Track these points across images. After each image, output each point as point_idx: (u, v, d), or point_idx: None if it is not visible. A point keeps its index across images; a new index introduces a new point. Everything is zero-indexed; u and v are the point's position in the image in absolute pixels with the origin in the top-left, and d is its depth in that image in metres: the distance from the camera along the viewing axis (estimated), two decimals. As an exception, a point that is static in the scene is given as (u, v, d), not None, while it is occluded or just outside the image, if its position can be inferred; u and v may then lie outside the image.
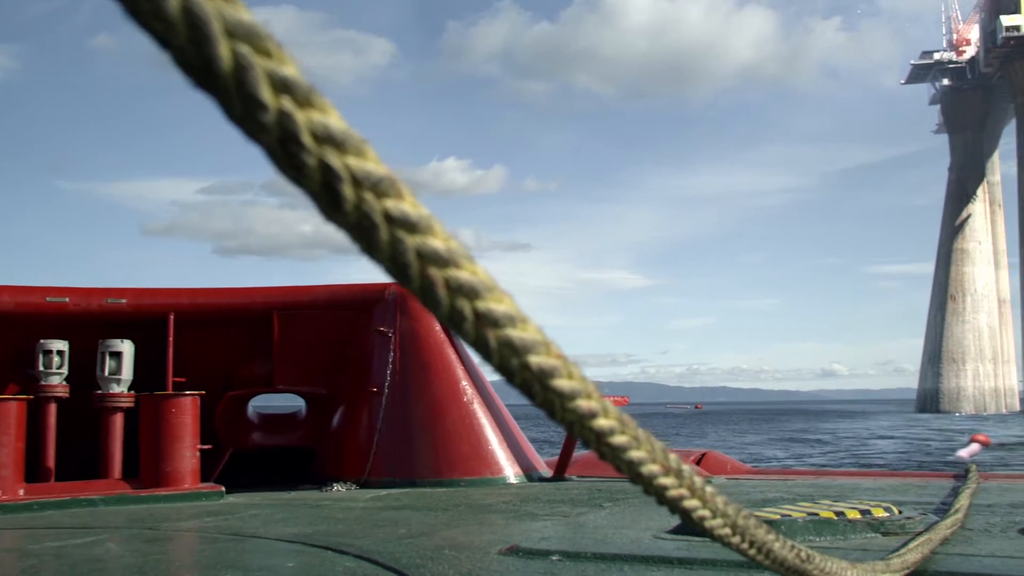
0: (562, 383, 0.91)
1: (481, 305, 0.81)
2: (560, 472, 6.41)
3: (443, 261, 0.77)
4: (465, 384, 6.50)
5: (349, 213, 0.71)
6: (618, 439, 1.05)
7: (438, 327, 6.53)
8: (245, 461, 7.04)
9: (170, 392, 6.24)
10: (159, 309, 6.68)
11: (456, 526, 4.30)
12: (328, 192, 0.70)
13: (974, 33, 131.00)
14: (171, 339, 6.54)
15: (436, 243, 0.76)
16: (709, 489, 1.38)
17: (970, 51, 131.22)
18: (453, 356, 6.51)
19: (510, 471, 6.37)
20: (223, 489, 6.03)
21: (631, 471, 1.12)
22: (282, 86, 0.65)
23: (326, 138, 0.68)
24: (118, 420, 6.23)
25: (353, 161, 0.70)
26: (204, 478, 6.20)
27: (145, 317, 6.70)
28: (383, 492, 6.08)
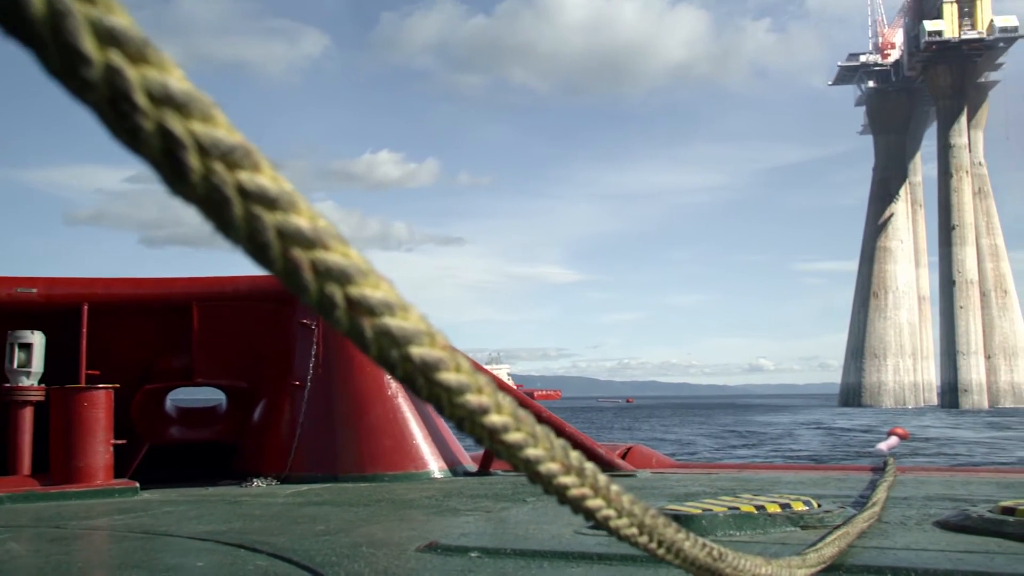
0: (449, 376, 0.86)
1: (354, 291, 0.75)
2: (485, 467, 6.36)
3: (308, 242, 0.70)
4: (389, 378, 6.39)
5: (196, 185, 0.64)
6: (512, 436, 0.98)
7: None
8: (163, 456, 6.84)
9: (83, 385, 6.03)
10: (72, 299, 6.45)
11: (376, 522, 4.21)
12: (170, 161, 0.62)
13: (899, 37, 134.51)
14: (84, 331, 6.32)
15: (300, 221, 0.69)
16: (614, 488, 1.32)
17: (895, 54, 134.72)
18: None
19: (434, 465, 6.29)
20: (137, 485, 5.85)
21: (528, 469, 1.06)
22: (109, 37, 0.58)
23: (165, 99, 0.61)
24: (27, 414, 6.00)
25: (199, 127, 0.63)
26: (119, 474, 6.01)
27: (57, 308, 6.46)
28: (304, 487, 5.96)
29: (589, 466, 1.23)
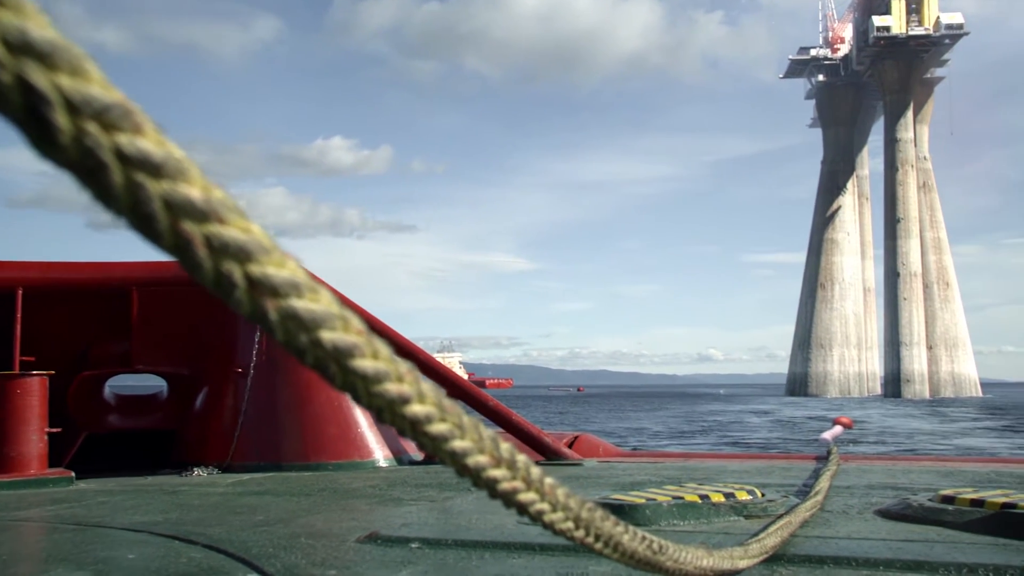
0: (365, 364, 0.80)
1: (255, 269, 0.68)
2: (430, 457, 6.31)
3: (201, 214, 0.64)
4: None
5: (67, 148, 0.58)
6: (437, 427, 0.93)
7: None
8: (101, 445, 6.67)
9: (16, 372, 5.85)
10: (6, 284, 6.25)
11: (317, 512, 4.14)
12: (35, 119, 0.56)
13: (848, 32, 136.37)
14: (19, 316, 6.13)
15: (191, 192, 0.63)
16: (549, 481, 1.27)
17: (844, 49, 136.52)
18: (323, 336, 6.32)
19: (379, 454, 6.21)
20: (72, 475, 5.69)
21: (455, 463, 1.01)
22: None
23: (23, 47, 0.54)
24: (-41, 402, 5.81)
25: (67, 81, 0.56)
26: (54, 464, 5.84)
27: None
28: (246, 477, 5.85)
29: (521, 458, 1.18)
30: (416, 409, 0.89)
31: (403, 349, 6.09)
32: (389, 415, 0.88)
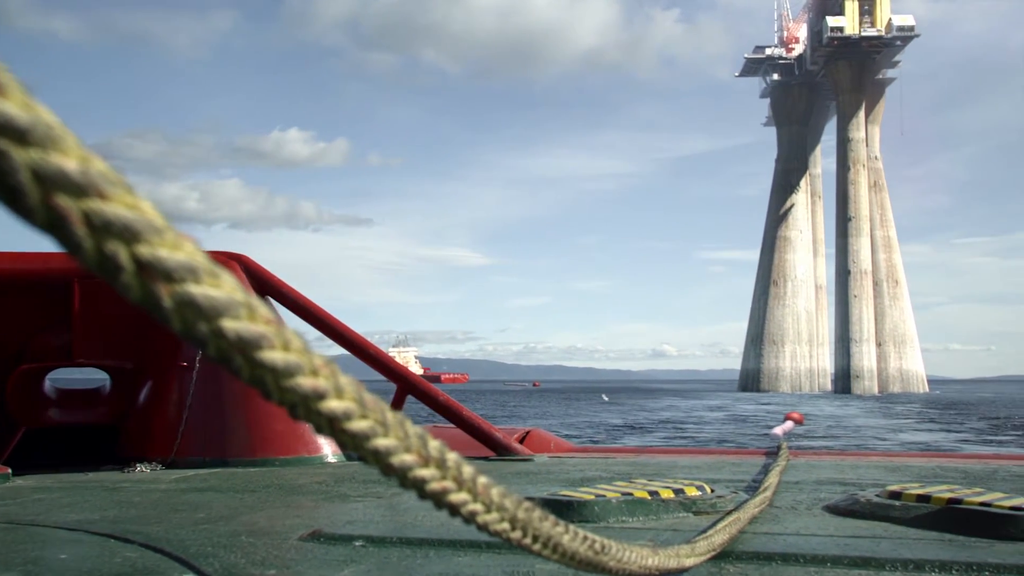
0: (274, 356, 0.75)
1: (145, 251, 0.63)
2: (380, 451, 6.23)
3: (77, 188, 0.57)
4: (283, 359, 6.20)
5: None
6: (357, 424, 0.89)
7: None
8: (42, 440, 6.50)
9: (-49, 365, 5.67)
10: None
11: (261, 509, 4.04)
12: None
13: (803, 32, 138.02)
14: None
15: (66, 163, 0.57)
16: (482, 480, 1.21)
17: (798, 48, 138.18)
18: (271, 329, 6.20)
19: (328, 449, 6.11)
20: (9, 471, 5.52)
21: (379, 462, 0.95)
22: None
23: None
24: None
25: None
26: (-9, 459, 5.67)
27: None
28: (190, 473, 5.72)
29: (452, 456, 1.12)
30: (333, 405, 0.85)
31: (354, 344, 6.00)
32: (303, 411, 0.83)
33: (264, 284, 6.18)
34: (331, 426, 0.86)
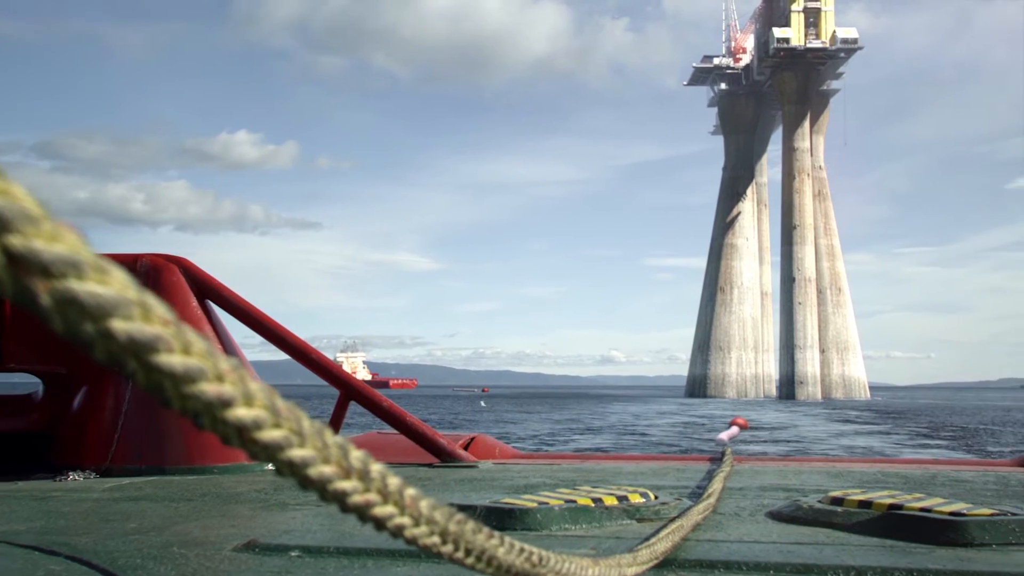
0: (172, 360, 0.69)
1: (17, 242, 0.58)
2: (323, 458, 6.13)
3: None
4: (223, 364, 6.06)
5: None
6: (270, 434, 0.83)
7: (194, 303, 6.03)
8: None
9: None
10: None
11: (195, 519, 3.93)
12: None
13: (750, 42, 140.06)
14: None
15: None
16: (410, 492, 1.16)
17: (746, 59, 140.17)
18: (211, 335, 6.03)
19: (270, 457, 5.99)
20: None
21: (295, 474, 0.90)
22: None
23: None
24: None
25: None
26: (-84, 467, 5.46)
27: None
28: (125, 481, 5.55)
29: (377, 468, 1.06)
30: (241, 413, 0.79)
31: (297, 349, 5.90)
32: (208, 420, 0.77)
33: (205, 288, 6.04)
34: (240, 436, 0.80)
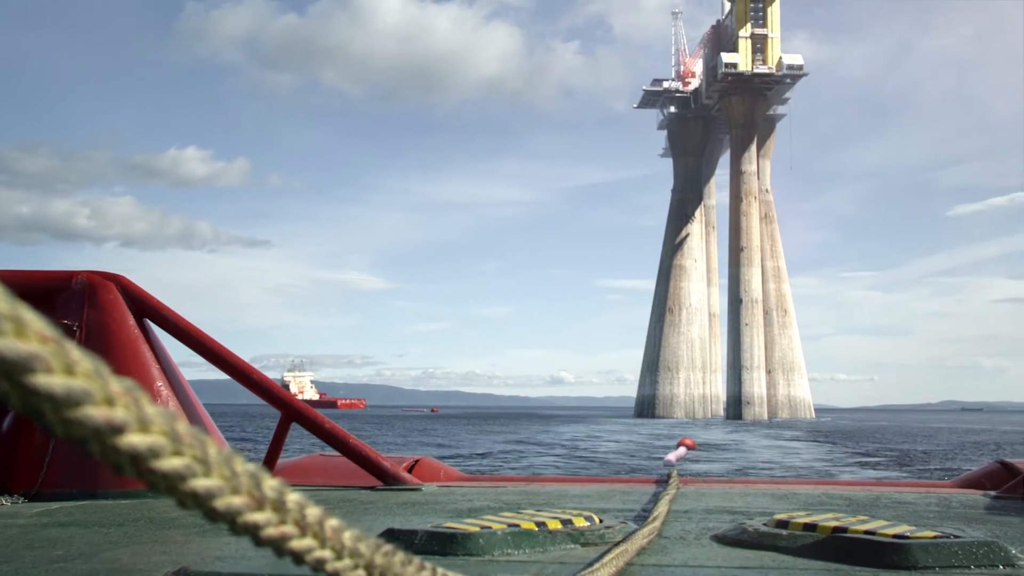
0: (52, 381, 0.64)
1: None
2: (263, 480, 5.97)
3: None
4: (160, 385, 5.87)
5: None
6: (168, 463, 0.76)
7: (132, 321, 5.86)
8: None
9: None
10: None
11: (125, 545, 3.79)
12: None
13: (699, 66, 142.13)
14: None
15: None
16: (332, 523, 1.08)
17: (695, 83, 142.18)
18: (148, 354, 5.87)
19: (207, 480, 5.83)
20: None
21: (200, 506, 0.83)
22: None
23: None
24: None
25: None
26: None
27: None
28: (55, 506, 5.36)
29: (294, 498, 0.99)
30: (135, 440, 0.72)
31: (237, 369, 5.76)
32: (98, 448, 0.71)
33: (143, 306, 5.89)
34: (135, 465, 0.73)
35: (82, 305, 5.88)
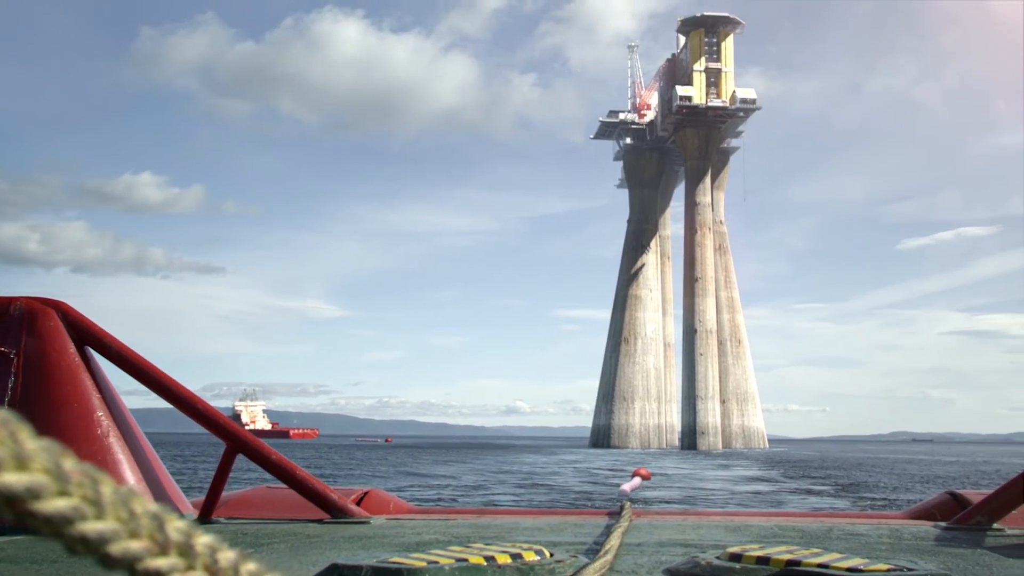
0: None
1: None
2: (206, 514, 5.78)
3: None
4: (101, 415, 5.69)
5: None
6: (52, 504, 0.69)
7: (72, 349, 5.69)
8: None
9: None
10: None
11: None
12: None
13: (654, 99, 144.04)
14: None
15: None
16: (248, 568, 1.00)
17: (650, 115, 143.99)
18: (89, 383, 5.70)
19: (148, 513, 5.65)
20: None
21: (92, 551, 0.77)
22: None
23: None
24: None
25: None
26: None
27: None
28: None
29: (203, 540, 0.92)
30: (10, 480, 0.68)
31: (181, 398, 5.62)
32: None
33: (84, 334, 5.73)
34: (11, 507, 0.67)
35: (20, 332, 5.69)
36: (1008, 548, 4.41)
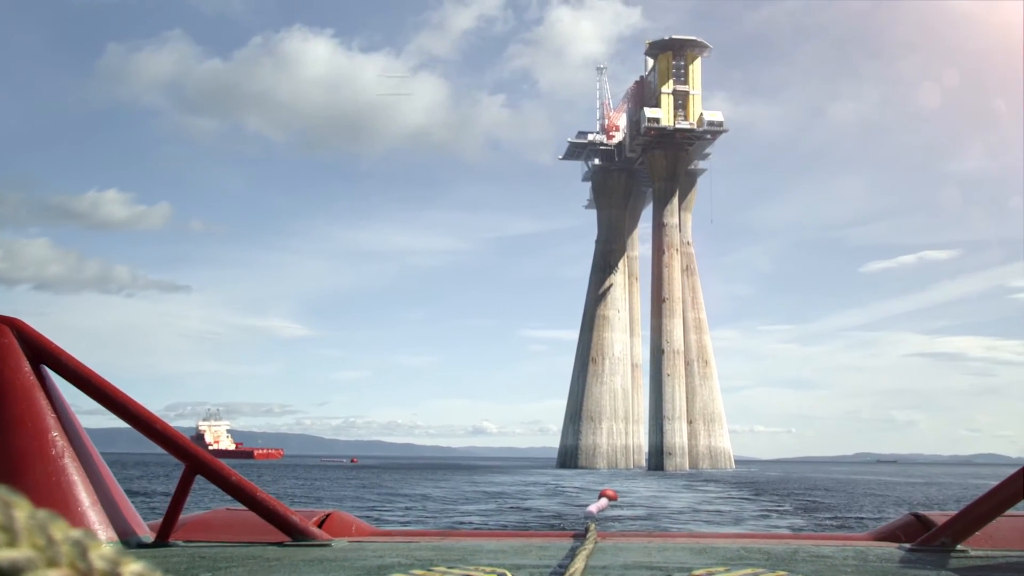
0: None
1: None
2: (163, 536, 5.65)
3: None
4: (55, 435, 5.55)
5: None
6: None
7: (27, 368, 5.56)
8: None
9: None
10: None
11: None
12: None
13: (623, 120, 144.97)
14: None
15: None
16: None
17: (619, 136, 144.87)
18: (43, 403, 5.56)
19: (103, 535, 5.51)
20: None
21: None
22: None
23: None
24: None
25: None
26: None
27: None
28: None
29: (132, 569, 0.88)
30: None
31: (138, 418, 5.51)
32: None
33: (40, 352, 5.60)
34: None
35: None
36: (972, 569, 4.41)
